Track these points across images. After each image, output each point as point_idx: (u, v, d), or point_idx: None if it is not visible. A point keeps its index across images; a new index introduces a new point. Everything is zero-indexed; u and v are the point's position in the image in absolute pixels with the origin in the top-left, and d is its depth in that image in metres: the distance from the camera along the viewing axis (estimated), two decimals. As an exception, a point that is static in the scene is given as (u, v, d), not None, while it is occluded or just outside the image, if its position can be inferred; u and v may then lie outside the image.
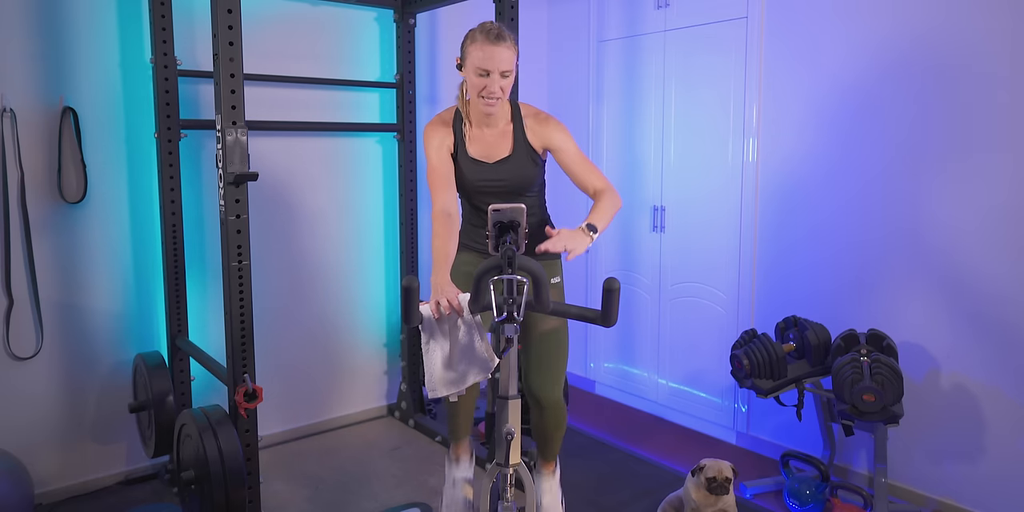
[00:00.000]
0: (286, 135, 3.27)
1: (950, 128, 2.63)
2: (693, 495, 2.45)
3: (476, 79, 2.05)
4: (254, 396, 2.30)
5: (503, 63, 2.02)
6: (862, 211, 2.89)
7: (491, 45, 2.01)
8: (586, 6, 3.93)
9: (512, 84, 2.09)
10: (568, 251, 1.89)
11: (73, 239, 2.78)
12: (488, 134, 2.20)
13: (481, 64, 2.02)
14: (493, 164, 2.20)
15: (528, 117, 2.21)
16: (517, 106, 2.23)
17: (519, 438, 1.74)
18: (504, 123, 2.20)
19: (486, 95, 2.05)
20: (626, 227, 3.84)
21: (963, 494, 2.69)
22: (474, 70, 2.04)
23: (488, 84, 2.03)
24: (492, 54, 2.00)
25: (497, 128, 2.20)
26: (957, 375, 2.68)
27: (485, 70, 2.02)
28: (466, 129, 2.20)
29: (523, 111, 2.23)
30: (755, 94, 3.19)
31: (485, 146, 2.20)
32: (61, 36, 2.69)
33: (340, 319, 3.53)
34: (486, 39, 2.01)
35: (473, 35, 2.05)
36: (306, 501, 2.82)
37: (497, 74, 2.03)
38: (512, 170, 2.19)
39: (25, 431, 2.73)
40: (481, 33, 2.03)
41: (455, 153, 2.21)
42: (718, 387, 3.46)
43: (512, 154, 2.19)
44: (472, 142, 2.21)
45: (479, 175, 2.20)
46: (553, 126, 2.19)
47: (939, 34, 2.64)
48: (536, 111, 2.24)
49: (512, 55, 2.05)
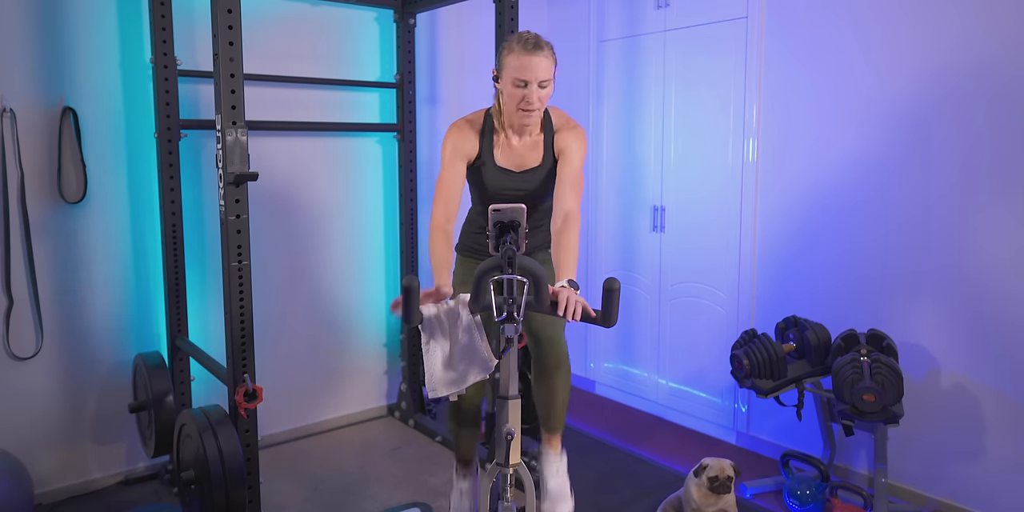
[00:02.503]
0: (286, 135, 3.27)
1: (956, 124, 2.63)
2: (694, 495, 2.45)
3: (514, 90, 1.99)
4: (254, 396, 2.30)
5: (541, 72, 1.97)
6: (862, 211, 2.89)
7: (528, 55, 1.95)
8: (586, 6, 3.94)
9: (548, 96, 2.04)
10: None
11: (73, 239, 2.78)
12: (519, 144, 2.15)
13: (519, 74, 1.96)
14: (521, 173, 2.17)
15: (560, 126, 2.16)
16: (548, 113, 2.17)
17: (519, 438, 1.74)
18: (536, 132, 2.16)
19: (524, 106, 2.00)
20: (626, 227, 3.84)
21: (963, 494, 2.69)
22: (511, 81, 1.98)
23: (527, 95, 1.98)
24: (529, 64, 1.95)
25: (530, 138, 2.15)
26: (957, 375, 2.68)
27: (523, 80, 1.97)
28: (498, 139, 2.15)
29: (555, 120, 2.17)
30: (755, 94, 3.19)
31: (515, 155, 2.16)
32: (61, 36, 2.69)
33: (340, 319, 3.53)
34: (523, 49, 1.96)
35: (510, 45, 1.99)
36: (306, 501, 2.82)
37: (535, 85, 1.97)
38: (538, 180, 2.17)
39: (25, 431, 2.73)
40: (518, 43, 1.97)
41: (480, 160, 2.16)
42: (718, 387, 3.46)
43: (541, 164, 2.16)
44: (502, 151, 2.16)
45: (504, 184, 2.17)
46: (578, 136, 2.14)
47: (951, 36, 2.64)
48: (567, 119, 2.19)
49: (550, 64, 1.99)
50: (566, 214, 2.02)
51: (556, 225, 2.02)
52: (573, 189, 2.08)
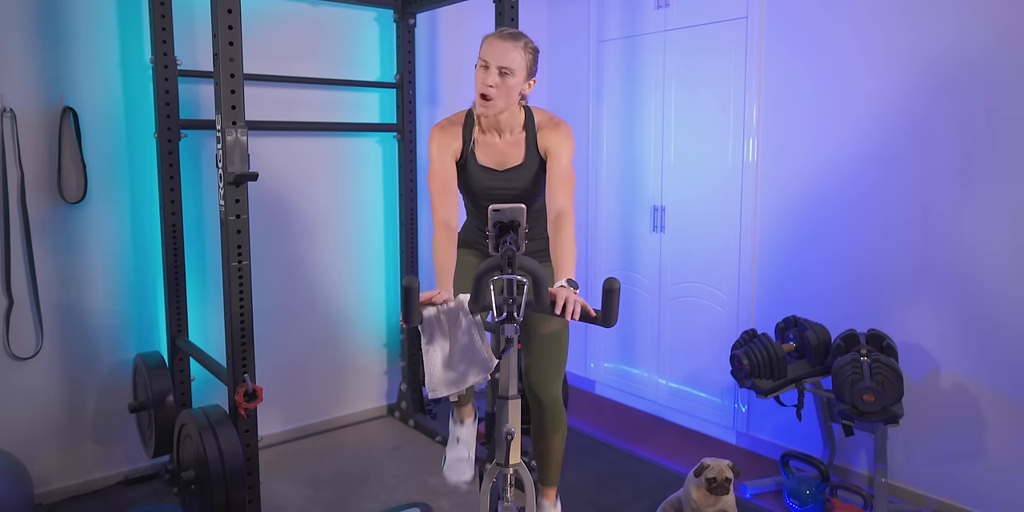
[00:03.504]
0: (286, 135, 3.27)
1: (954, 123, 2.63)
2: (694, 495, 2.45)
3: (477, 73, 2.00)
4: (254, 396, 2.30)
5: (503, 58, 1.96)
6: (862, 211, 2.89)
7: (499, 39, 1.98)
8: (586, 6, 3.94)
9: (514, 89, 2.01)
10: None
11: (73, 239, 2.78)
12: (500, 141, 2.13)
13: (482, 56, 1.98)
14: (504, 172, 2.15)
15: (542, 125, 2.14)
16: (531, 113, 2.16)
17: (519, 438, 1.74)
18: (517, 130, 2.13)
19: (479, 90, 1.99)
20: (626, 227, 3.84)
21: (963, 494, 2.69)
22: (478, 63, 2.00)
23: (484, 77, 1.98)
24: (494, 47, 1.97)
25: (510, 136, 2.13)
26: (957, 375, 2.68)
27: (485, 61, 1.98)
28: (476, 134, 2.14)
29: (537, 118, 2.15)
30: (755, 94, 3.19)
31: (496, 153, 2.14)
32: (61, 36, 2.69)
33: (340, 319, 3.53)
34: (497, 35, 1.99)
35: (488, 34, 2.03)
36: (306, 501, 2.82)
37: (495, 68, 1.96)
38: (523, 179, 2.15)
39: (25, 431, 2.73)
40: (496, 31, 2.02)
41: (463, 159, 2.15)
42: (718, 387, 3.46)
43: (524, 163, 2.14)
44: (482, 149, 2.14)
45: (489, 183, 2.15)
46: (562, 133, 2.11)
47: (940, 35, 2.64)
48: (550, 117, 2.17)
49: (519, 56, 1.98)
50: (559, 212, 2.00)
51: (551, 224, 2.01)
52: (564, 186, 2.05)
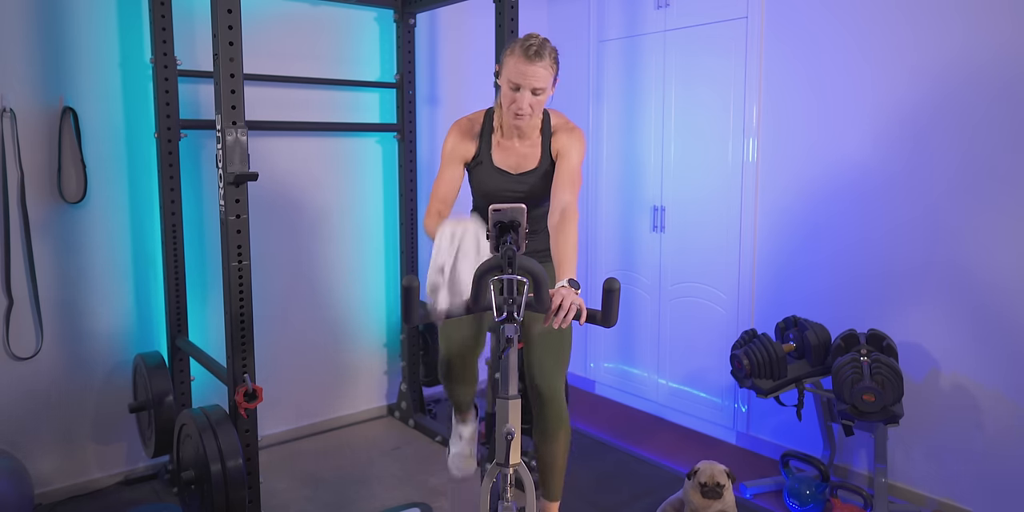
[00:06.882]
0: (286, 135, 3.27)
1: (955, 124, 2.63)
2: (692, 497, 2.45)
3: (508, 92, 2.01)
4: (254, 396, 2.30)
5: (536, 81, 1.97)
6: (862, 211, 2.89)
7: (527, 62, 1.95)
8: (586, 6, 3.93)
9: (544, 102, 2.03)
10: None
11: (73, 239, 2.78)
12: (518, 145, 2.16)
13: (513, 78, 1.97)
14: (518, 175, 2.16)
15: (558, 128, 2.15)
16: (548, 115, 2.17)
17: (519, 438, 1.73)
18: (535, 135, 2.16)
19: (515, 110, 2.01)
20: (626, 227, 3.84)
21: (963, 494, 2.69)
22: (507, 83, 2.00)
23: (517, 99, 1.99)
24: (526, 71, 1.96)
25: (528, 140, 2.16)
26: (957, 375, 2.68)
27: (516, 85, 1.98)
28: (496, 137, 2.16)
29: (553, 121, 2.17)
30: (755, 94, 3.19)
31: (513, 156, 2.16)
32: (61, 36, 2.69)
33: (340, 319, 3.53)
34: (524, 54, 1.96)
35: (513, 48, 2.00)
36: (306, 501, 2.82)
37: (528, 91, 1.98)
38: (536, 182, 2.17)
39: (25, 431, 2.73)
40: (520, 47, 1.97)
41: (477, 160, 2.16)
42: (718, 387, 3.46)
43: (538, 167, 2.16)
44: (499, 151, 2.16)
45: (501, 185, 2.17)
46: (575, 137, 2.14)
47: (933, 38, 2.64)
48: (566, 121, 2.19)
49: (548, 74, 1.99)
50: (564, 207, 2.00)
51: (554, 220, 1.99)
52: (570, 184, 2.06)
